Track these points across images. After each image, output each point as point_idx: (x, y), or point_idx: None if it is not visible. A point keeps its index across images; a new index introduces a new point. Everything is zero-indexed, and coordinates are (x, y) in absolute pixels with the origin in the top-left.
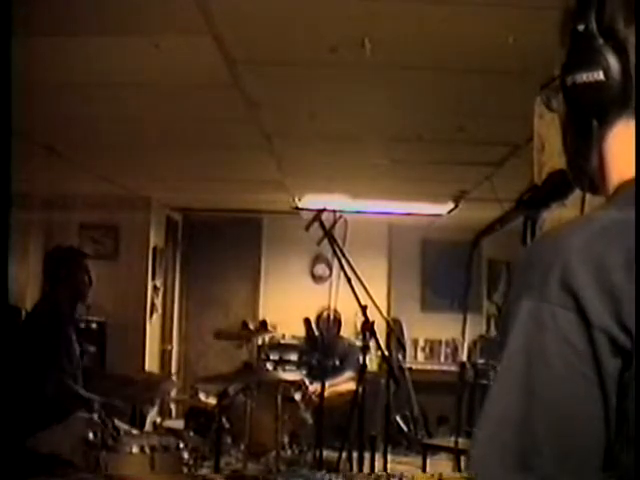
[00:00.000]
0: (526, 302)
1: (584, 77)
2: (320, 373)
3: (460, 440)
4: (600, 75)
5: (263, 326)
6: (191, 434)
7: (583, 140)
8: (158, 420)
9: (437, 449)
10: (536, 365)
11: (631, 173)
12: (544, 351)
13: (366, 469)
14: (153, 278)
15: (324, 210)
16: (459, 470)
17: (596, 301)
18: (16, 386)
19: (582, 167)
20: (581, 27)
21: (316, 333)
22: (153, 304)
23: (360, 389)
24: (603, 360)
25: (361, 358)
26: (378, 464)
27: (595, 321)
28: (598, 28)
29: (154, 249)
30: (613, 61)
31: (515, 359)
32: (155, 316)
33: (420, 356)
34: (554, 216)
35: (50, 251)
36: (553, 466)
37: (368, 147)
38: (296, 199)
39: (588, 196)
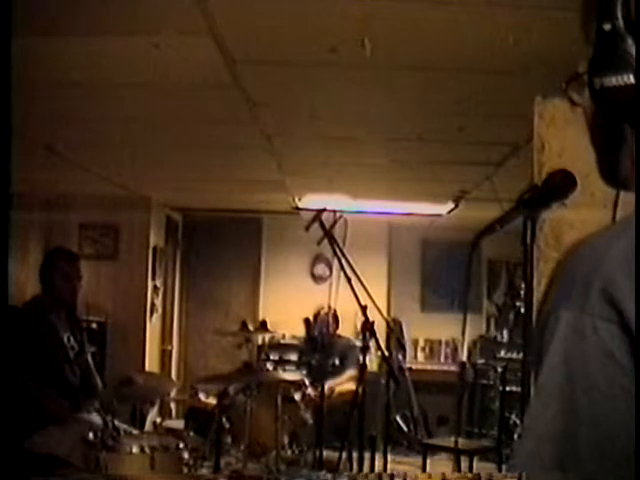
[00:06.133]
0: (565, 314)
1: (613, 81)
2: (320, 373)
3: (460, 440)
4: (630, 78)
5: (263, 326)
6: (191, 434)
7: (613, 142)
8: (158, 420)
9: (437, 449)
10: (577, 379)
11: None
12: (585, 365)
13: (366, 469)
14: (153, 278)
15: (324, 210)
16: (459, 470)
17: None
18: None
19: (613, 167)
20: (607, 26)
21: (315, 333)
22: (153, 304)
23: (360, 389)
24: (635, 371)
25: (361, 357)
26: (378, 464)
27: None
28: (626, 25)
29: (154, 249)
30: None
31: (555, 373)
32: (155, 316)
33: (420, 356)
34: (554, 216)
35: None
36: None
37: (368, 147)
38: (296, 199)
39: (602, 196)
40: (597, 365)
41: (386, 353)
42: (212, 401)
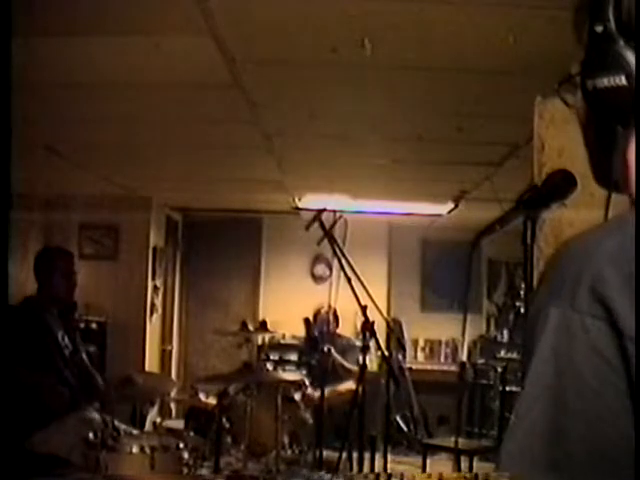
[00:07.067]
0: (554, 310)
1: (605, 82)
2: (320, 373)
3: (460, 440)
4: (622, 80)
5: (263, 326)
6: (191, 434)
7: (606, 143)
8: (158, 420)
9: (437, 449)
10: (566, 376)
11: None
12: (574, 362)
13: (366, 469)
14: (153, 278)
15: (324, 210)
16: (459, 470)
17: (628, 310)
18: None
19: (605, 168)
20: (599, 28)
21: (316, 333)
22: (153, 304)
23: (360, 389)
24: (635, 372)
25: (361, 357)
26: (378, 464)
27: (627, 331)
28: (617, 27)
29: (154, 249)
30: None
31: (543, 369)
32: (155, 316)
33: (420, 356)
34: (554, 216)
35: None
36: (584, 477)
37: (368, 147)
38: (296, 199)
39: (602, 196)
40: (585, 362)
41: (386, 353)
42: (212, 401)
